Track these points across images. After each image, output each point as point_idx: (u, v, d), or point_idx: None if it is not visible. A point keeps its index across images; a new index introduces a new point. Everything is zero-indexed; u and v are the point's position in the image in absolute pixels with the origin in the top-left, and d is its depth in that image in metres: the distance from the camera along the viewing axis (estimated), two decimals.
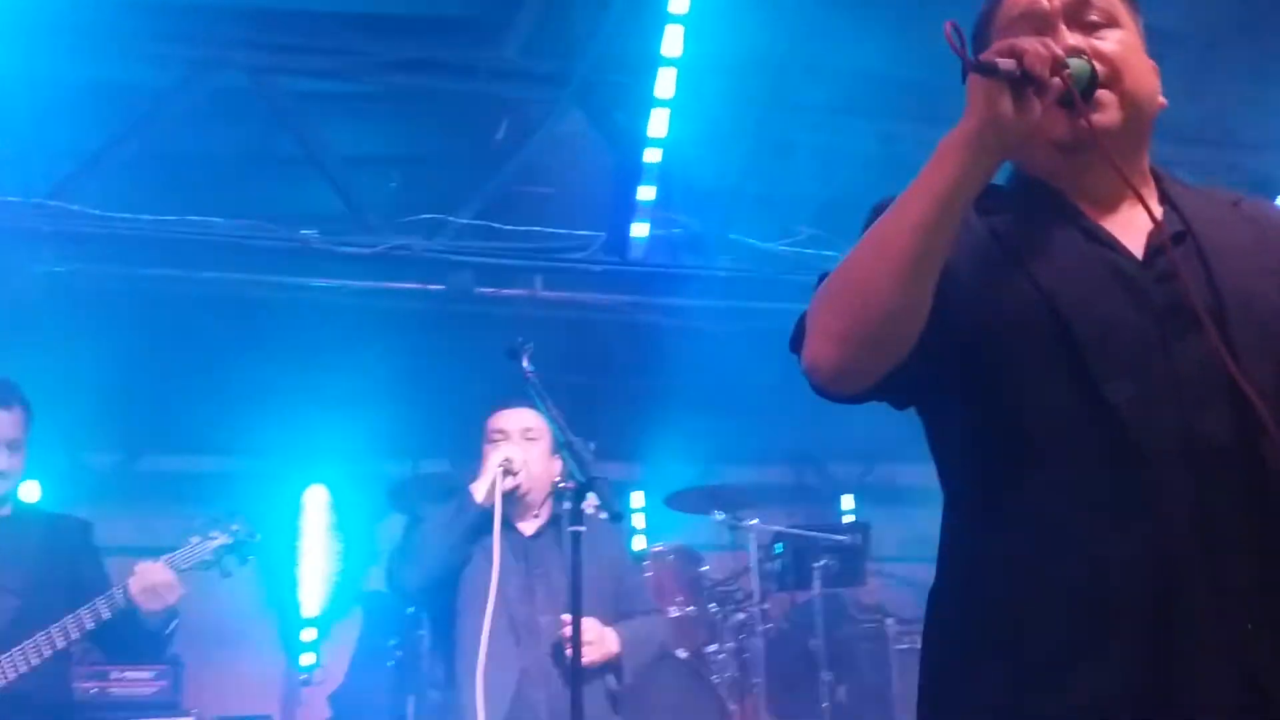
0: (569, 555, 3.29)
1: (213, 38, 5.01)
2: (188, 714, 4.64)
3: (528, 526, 3.90)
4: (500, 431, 3.90)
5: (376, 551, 7.04)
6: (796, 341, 1.63)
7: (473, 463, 3.92)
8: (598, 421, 5.34)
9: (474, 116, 5.82)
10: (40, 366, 5.29)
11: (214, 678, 5.94)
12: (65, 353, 5.76)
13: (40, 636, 3.47)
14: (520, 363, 3.44)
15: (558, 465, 3.91)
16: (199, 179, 5.53)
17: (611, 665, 3.74)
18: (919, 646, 1.68)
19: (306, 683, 7.07)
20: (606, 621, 3.75)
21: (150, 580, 3.53)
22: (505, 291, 6.01)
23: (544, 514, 3.93)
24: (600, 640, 3.67)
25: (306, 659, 7.25)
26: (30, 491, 5.82)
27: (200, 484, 6.85)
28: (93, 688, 4.50)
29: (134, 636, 3.65)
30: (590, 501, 3.35)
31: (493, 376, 6.43)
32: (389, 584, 3.98)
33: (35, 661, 3.45)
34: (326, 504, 7.42)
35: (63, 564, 3.69)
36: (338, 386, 6.42)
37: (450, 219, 5.60)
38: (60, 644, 3.49)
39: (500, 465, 3.70)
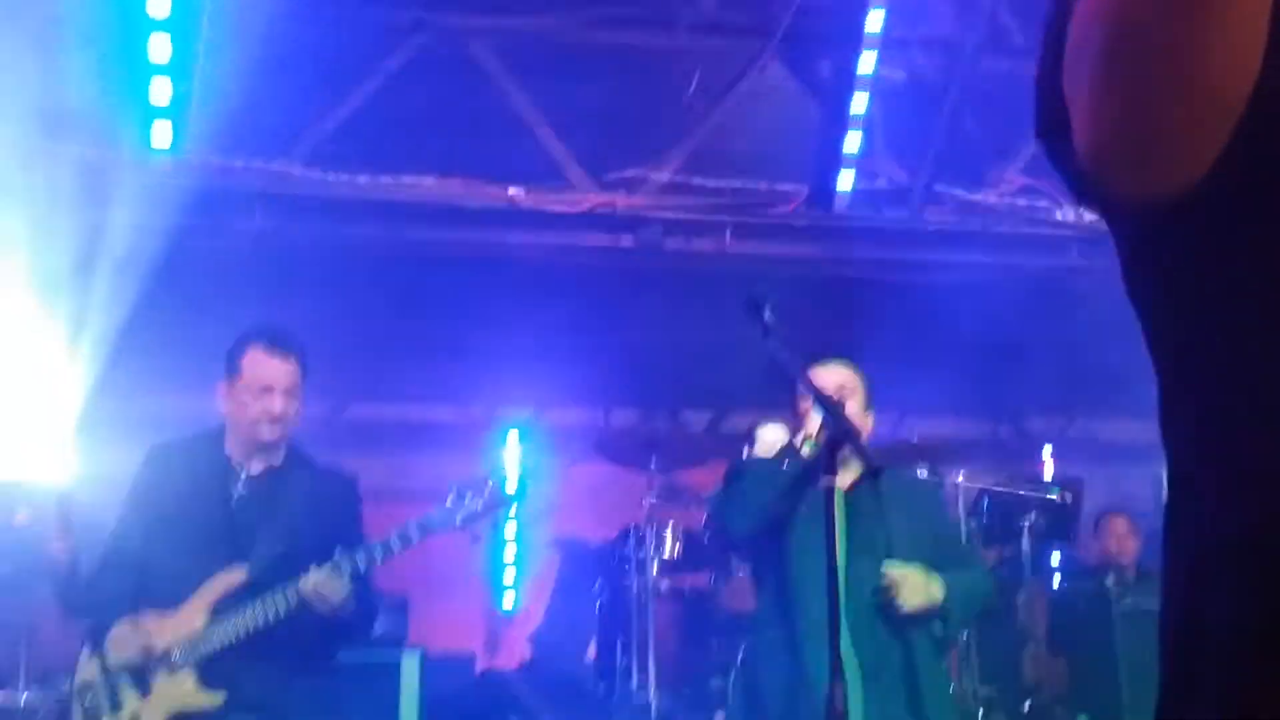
0: (888, 507, 3.34)
1: (420, 1, 5.11)
2: (413, 650, 4.80)
3: (844, 479, 3.76)
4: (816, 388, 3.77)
5: (565, 501, 7.20)
6: (1051, 120, 1.15)
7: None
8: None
9: (670, 73, 5.83)
10: (251, 321, 5.55)
11: (436, 614, 6.19)
12: (275, 308, 6.01)
13: (289, 588, 3.55)
14: (761, 315, 3.41)
15: (871, 419, 3.93)
16: (408, 140, 5.67)
17: (936, 612, 3.75)
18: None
19: (507, 621, 7.30)
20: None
21: (317, 588, 3.54)
22: (694, 246, 6.04)
23: (855, 467, 3.79)
24: (923, 587, 3.69)
25: (508, 599, 7.49)
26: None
27: (405, 432, 7.10)
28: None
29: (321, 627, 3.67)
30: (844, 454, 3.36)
31: (683, 330, 6.58)
32: (714, 529, 4.04)
33: (282, 611, 3.54)
34: (524, 450, 7.61)
35: (325, 519, 3.76)
36: (533, 339, 6.56)
37: (648, 174, 5.63)
38: (287, 608, 3.56)
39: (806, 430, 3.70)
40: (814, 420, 3.60)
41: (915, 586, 3.66)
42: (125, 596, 3.69)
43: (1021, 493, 5.78)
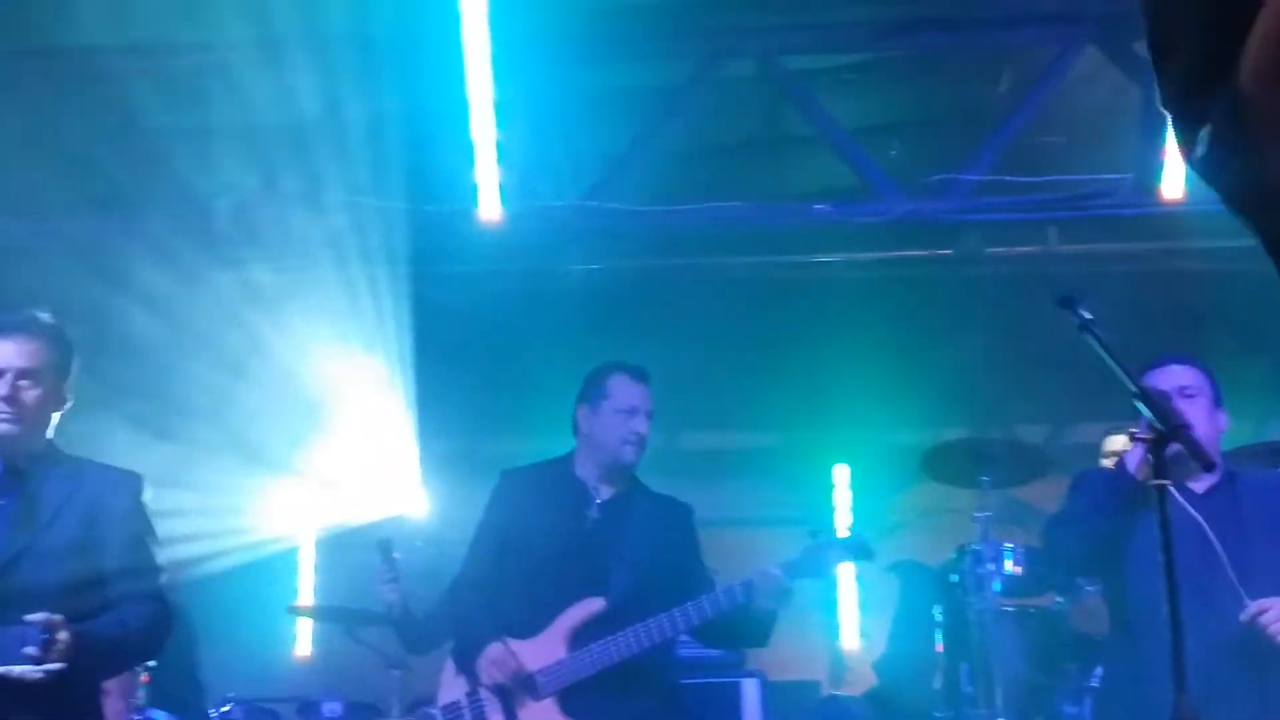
0: (1247, 513, 3.12)
1: (719, 29, 5.18)
2: (752, 674, 4.79)
3: (1200, 484, 3.56)
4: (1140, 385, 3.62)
5: (898, 524, 7.04)
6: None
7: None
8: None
9: (974, 71, 5.66)
10: (584, 357, 5.73)
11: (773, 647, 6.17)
12: (606, 345, 6.20)
13: (652, 622, 3.63)
14: (1076, 311, 3.23)
15: (1223, 419, 3.66)
16: (711, 167, 5.75)
17: None
18: None
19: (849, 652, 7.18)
20: None
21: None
22: (1018, 250, 5.81)
23: (1217, 470, 3.54)
24: None
25: (848, 632, 7.38)
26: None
27: (736, 460, 7.14)
28: None
29: (740, 625, 3.79)
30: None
31: (1010, 341, 6.33)
32: (1046, 553, 3.88)
33: (645, 645, 3.63)
34: (849, 479, 7.50)
35: (669, 545, 3.87)
36: (853, 360, 6.47)
37: (960, 178, 5.46)
38: (669, 633, 3.65)
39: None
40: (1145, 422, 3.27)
41: None
42: (482, 620, 3.83)
43: None
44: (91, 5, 4.72)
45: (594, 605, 3.68)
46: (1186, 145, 1.02)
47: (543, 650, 3.68)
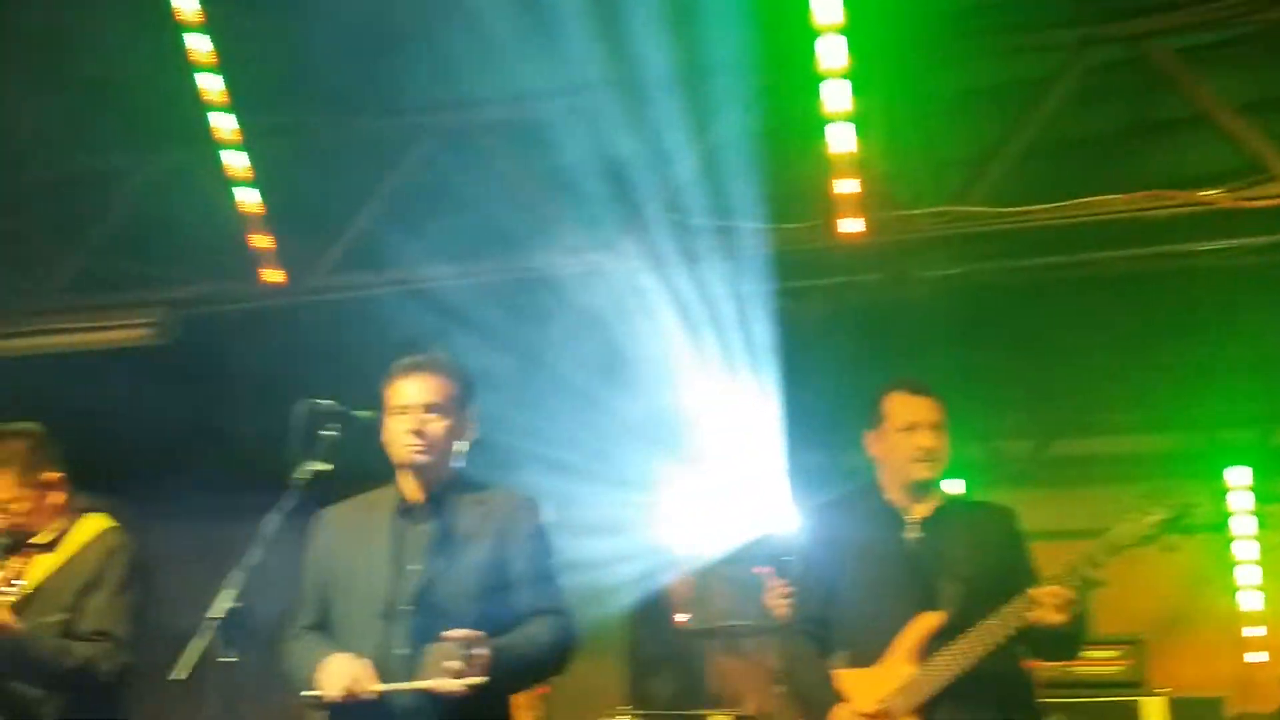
0: None
1: (1086, 16, 4.96)
2: (1154, 692, 4.54)
3: None
4: None
5: None
6: None
7: None
8: None
9: None
10: (946, 365, 5.60)
11: (1171, 655, 5.83)
12: (967, 349, 6.04)
13: (984, 627, 3.54)
14: None
15: None
16: (1082, 161, 5.49)
17: None
18: None
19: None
20: None
21: (1050, 596, 3.47)
22: None
23: None
24: None
25: (1252, 641, 6.84)
26: (955, 488, 6.14)
27: (1114, 466, 6.80)
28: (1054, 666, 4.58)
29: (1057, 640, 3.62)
30: None
31: None
32: None
33: (980, 652, 3.53)
34: (1250, 483, 6.97)
35: (994, 551, 3.76)
36: (1244, 352, 6.02)
37: None
38: (1000, 639, 3.54)
39: None
40: None
41: None
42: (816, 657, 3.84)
43: None
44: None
45: (934, 619, 3.60)
46: None
47: (892, 674, 3.63)
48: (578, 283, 5.57)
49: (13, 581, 3.84)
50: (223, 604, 2.99)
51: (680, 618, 7.13)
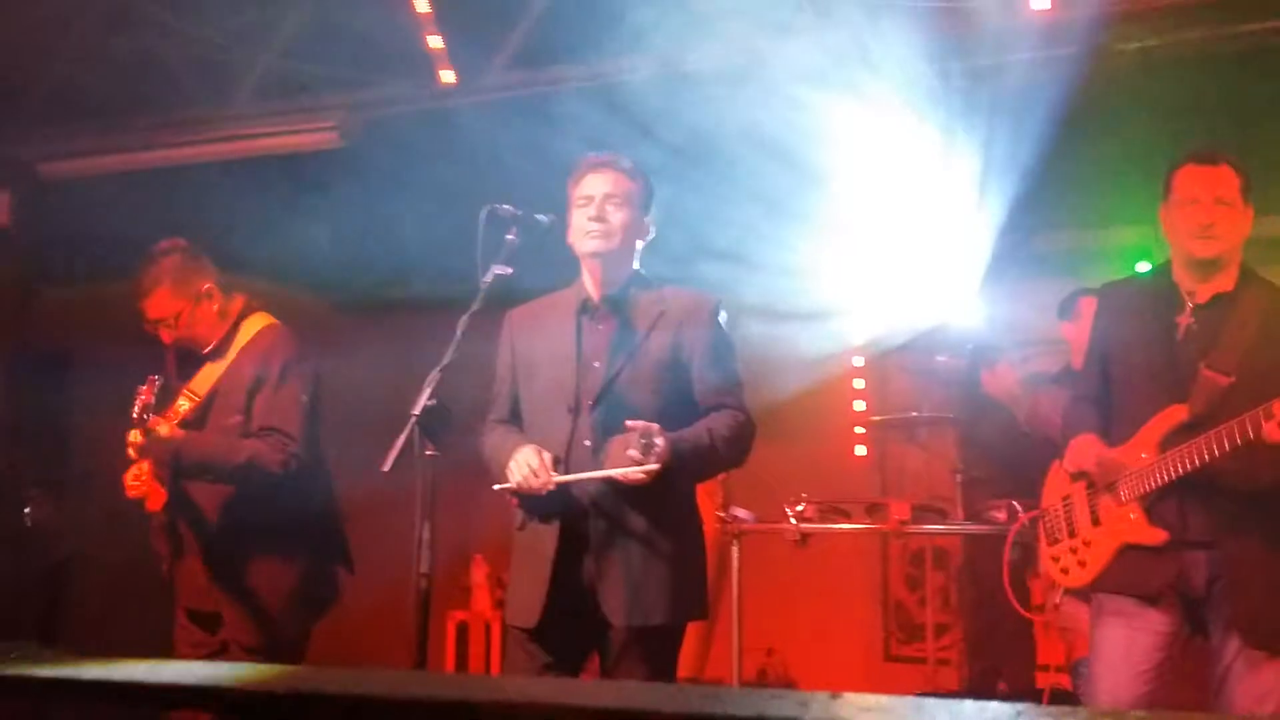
0: None
1: None
2: None
3: None
4: None
5: None
6: None
7: None
8: None
9: None
10: (1150, 143, 5.27)
11: None
12: (1176, 126, 5.64)
13: (1221, 430, 3.35)
14: None
15: None
16: None
17: None
18: None
19: None
20: None
21: None
22: None
23: None
24: None
25: None
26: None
27: None
28: None
29: None
30: None
31: None
32: None
33: (1206, 457, 3.37)
34: None
35: (1277, 345, 3.49)
36: None
37: None
38: (1224, 449, 3.35)
39: None
40: None
41: None
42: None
43: None
44: None
45: (1176, 414, 3.49)
46: None
47: (1129, 457, 3.56)
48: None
49: (183, 395, 4.08)
50: (421, 401, 3.10)
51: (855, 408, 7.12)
